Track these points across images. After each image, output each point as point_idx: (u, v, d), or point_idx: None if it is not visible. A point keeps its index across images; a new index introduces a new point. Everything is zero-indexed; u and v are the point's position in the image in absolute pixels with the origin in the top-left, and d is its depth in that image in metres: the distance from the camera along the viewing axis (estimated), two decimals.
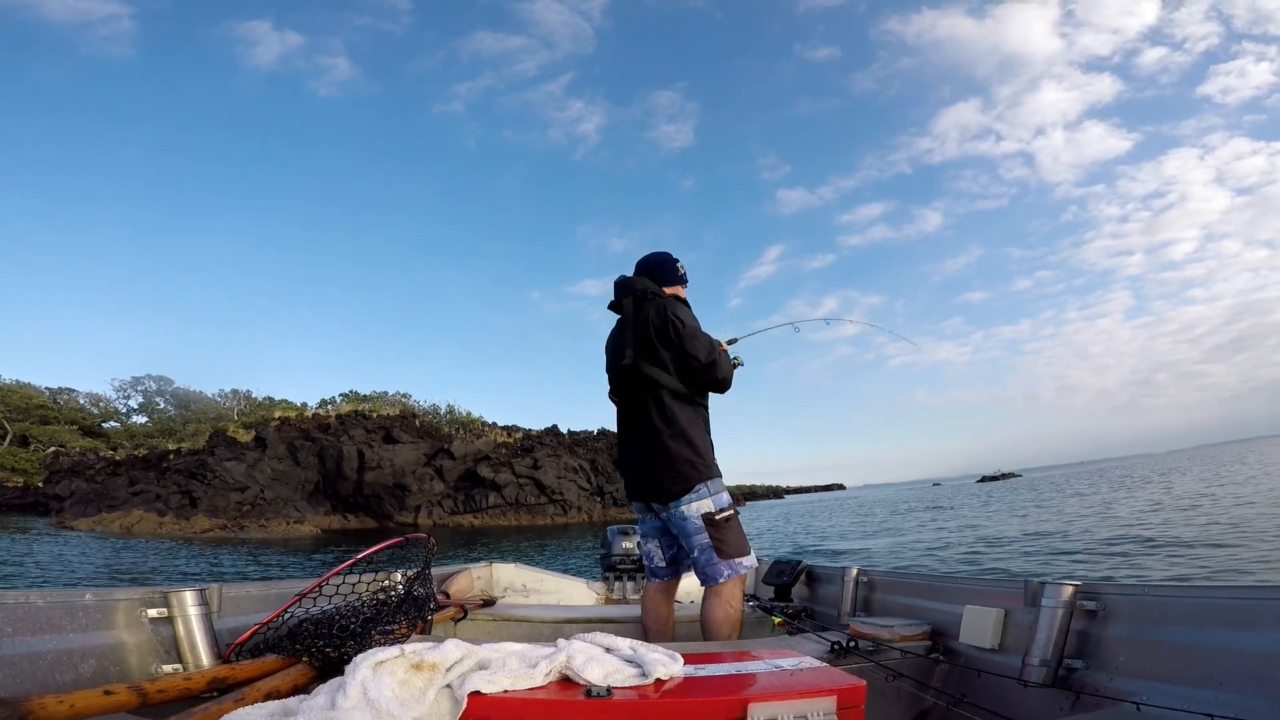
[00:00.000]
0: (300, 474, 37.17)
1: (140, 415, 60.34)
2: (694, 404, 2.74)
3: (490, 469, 38.75)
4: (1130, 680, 1.74)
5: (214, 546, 23.79)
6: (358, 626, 1.95)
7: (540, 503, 38.52)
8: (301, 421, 40.16)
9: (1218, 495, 20.64)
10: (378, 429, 39.50)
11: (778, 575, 3.71)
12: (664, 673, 1.44)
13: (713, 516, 2.62)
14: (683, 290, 2.93)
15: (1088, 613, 1.94)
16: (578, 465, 41.10)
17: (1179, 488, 26.84)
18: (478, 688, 1.30)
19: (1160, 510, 17.88)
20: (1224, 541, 10.48)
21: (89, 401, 58.91)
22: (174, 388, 62.87)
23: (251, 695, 1.46)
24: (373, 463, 37.05)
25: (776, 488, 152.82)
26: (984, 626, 2.21)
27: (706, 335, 2.73)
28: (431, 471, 38.23)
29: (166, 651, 1.89)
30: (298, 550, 22.53)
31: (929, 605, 2.62)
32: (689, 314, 2.78)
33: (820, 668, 1.55)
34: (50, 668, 1.58)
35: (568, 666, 1.43)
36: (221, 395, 61.32)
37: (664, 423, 2.67)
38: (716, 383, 2.74)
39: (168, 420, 56.92)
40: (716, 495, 2.64)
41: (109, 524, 31.78)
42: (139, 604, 1.88)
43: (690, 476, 2.62)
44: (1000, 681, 1.98)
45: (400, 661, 1.33)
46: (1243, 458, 61.88)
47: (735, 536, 2.64)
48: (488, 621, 3.26)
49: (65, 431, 49.47)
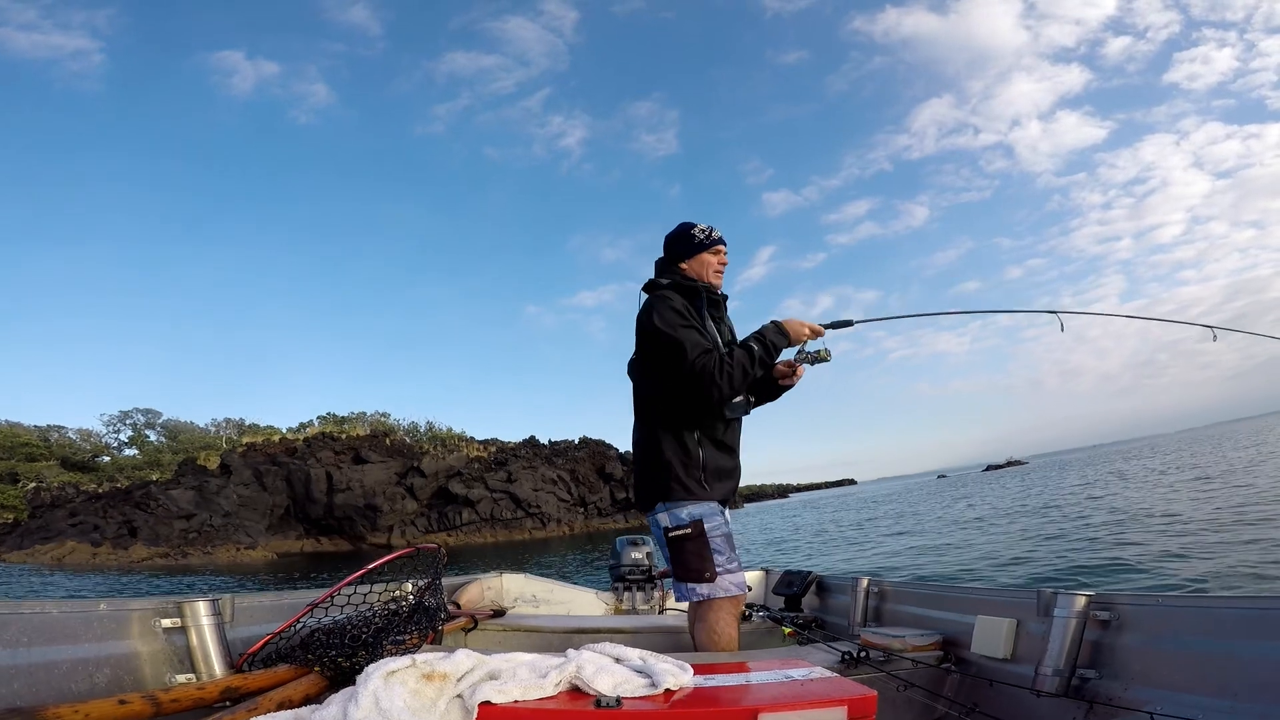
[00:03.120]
0: (267, 499, 37.10)
1: (131, 448, 61.45)
2: (676, 411, 2.45)
3: (463, 485, 38.09)
4: (1144, 690, 1.72)
5: (148, 576, 23.96)
6: (369, 636, 1.96)
7: (517, 517, 37.69)
8: (268, 447, 40.31)
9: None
10: (346, 450, 39.36)
11: (788, 585, 3.69)
12: (674, 683, 1.44)
13: (668, 533, 2.43)
14: (709, 256, 2.54)
15: (1101, 622, 1.93)
16: (556, 476, 40.25)
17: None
18: (488, 698, 1.30)
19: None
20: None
21: (79, 437, 59.95)
22: (163, 419, 64.40)
23: (264, 705, 1.47)
24: (341, 484, 36.81)
25: (783, 486, 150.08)
26: (996, 636, 2.19)
27: (689, 335, 2.34)
28: (403, 490, 37.88)
29: (180, 661, 1.90)
30: (240, 578, 22.57)
31: (940, 615, 2.60)
32: (669, 309, 2.39)
33: (831, 678, 1.54)
34: (66, 677, 1.60)
35: (577, 677, 1.43)
36: (214, 424, 62.56)
37: (645, 428, 2.52)
38: (695, 392, 2.34)
39: (155, 452, 57.81)
40: (674, 510, 2.41)
41: (40, 555, 32.10)
42: (153, 614, 1.90)
43: (659, 488, 2.44)
44: (1013, 691, 1.97)
45: (412, 671, 1.34)
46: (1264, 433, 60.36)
47: (693, 559, 2.37)
48: (498, 631, 3.26)
49: (47, 467, 50.01)
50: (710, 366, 2.29)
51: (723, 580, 2.36)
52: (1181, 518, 11.92)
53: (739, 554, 2.48)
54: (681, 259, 2.55)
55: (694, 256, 2.53)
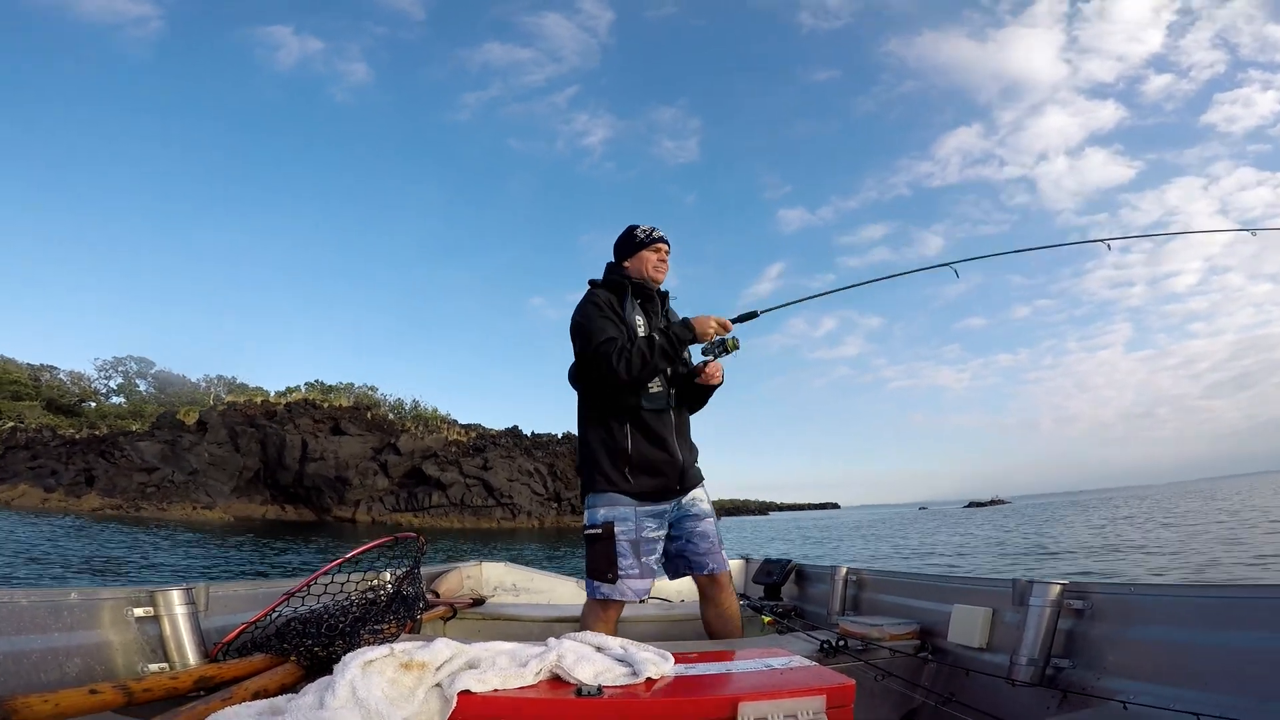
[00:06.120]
0: (238, 460, 36.49)
1: (119, 396, 59.77)
2: (598, 404, 2.58)
3: (436, 467, 37.63)
4: (1117, 679, 1.75)
5: (96, 524, 23.72)
6: (346, 625, 1.94)
7: (487, 505, 37.29)
8: (248, 408, 39.38)
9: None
10: (326, 419, 38.66)
11: (767, 574, 3.72)
12: (654, 672, 1.44)
13: (584, 530, 2.56)
14: (648, 253, 2.65)
15: (1075, 612, 1.96)
16: (533, 469, 39.90)
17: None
18: (468, 687, 1.30)
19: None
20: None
21: (70, 380, 58.20)
22: (155, 370, 62.58)
23: (239, 694, 1.45)
24: (315, 453, 36.29)
25: (765, 504, 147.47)
26: (972, 626, 2.22)
27: (600, 325, 2.46)
28: (376, 466, 37.42)
29: (153, 650, 1.87)
30: (185, 535, 22.19)
31: (918, 604, 2.63)
32: (589, 304, 2.55)
33: (810, 667, 1.55)
34: (35, 667, 1.56)
35: (558, 665, 1.42)
36: (205, 380, 60.83)
37: (580, 423, 2.67)
38: (596, 375, 2.48)
39: (140, 403, 56.16)
40: (591, 510, 2.53)
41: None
42: (125, 603, 1.87)
43: (586, 480, 2.59)
44: (988, 680, 2.00)
45: (389, 661, 1.32)
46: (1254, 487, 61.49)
47: (600, 559, 2.46)
48: (477, 620, 3.25)
49: (28, 407, 48.44)
50: (609, 351, 2.40)
51: (622, 584, 2.44)
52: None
53: (652, 561, 2.51)
54: (624, 257, 2.70)
55: (634, 254, 2.67)
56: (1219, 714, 1.39)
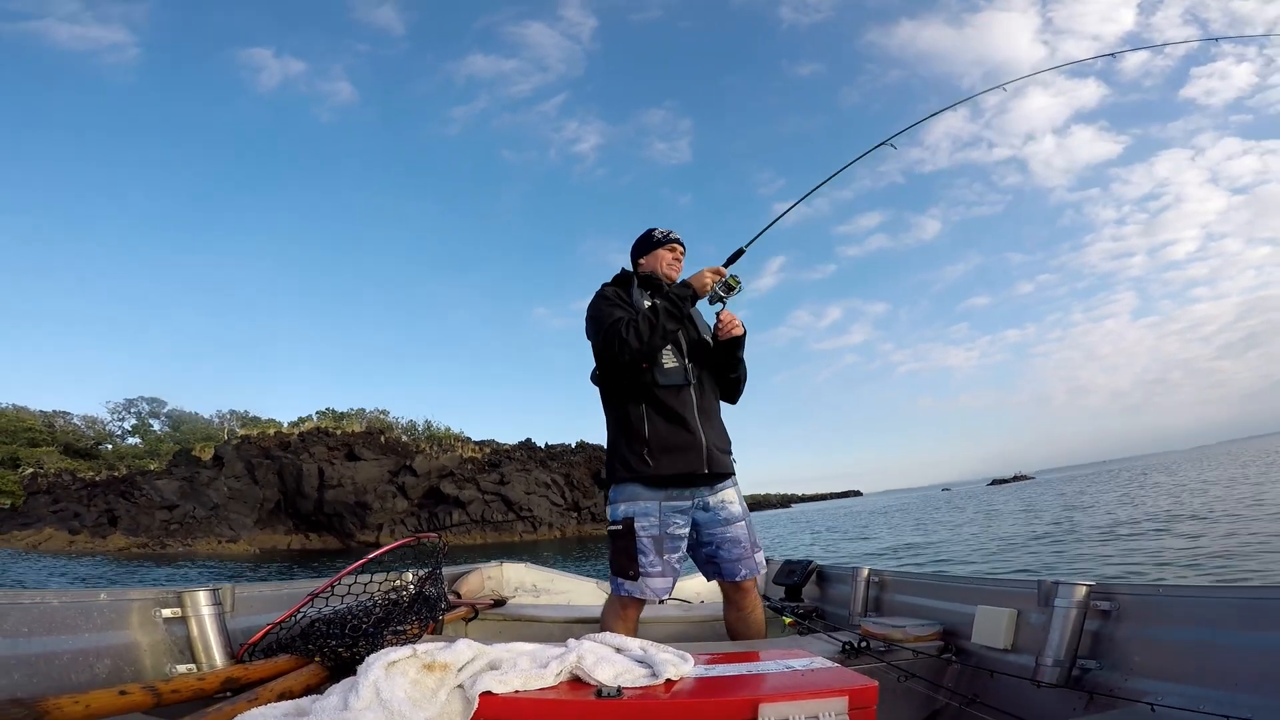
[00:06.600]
0: (258, 492, 36.88)
1: (134, 436, 61.08)
2: (617, 392, 2.59)
3: (454, 485, 37.74)
4: (1144, 680, 1.72)
5: (125, 563, 24.13)
6: (370, 626, 1.96)
7: (508, 520, 37.29)
8: (263, 440, 39.96)
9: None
10: (340, 446, 39.00)
11: (788, 575, 3.70)
12: (674, 673, 1.44)
13: (607, 526, 2.56)
14: (663, 252, 2.73)
15: (1101, 613, 1.93)
16: (550, 480, 39.87)
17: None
18: (489, 688, 1.30)
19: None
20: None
21: (85, 424, 59.43)
22: (168, 409, 63.78)
23: (265, 695, 1.47)
24: (333, 480, 36.49)
25: (787, 496, 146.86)
26: (996, 627, 2.19)
27: (609, 310, 2.50)
28: (394, 489, 37.53)
29: (180, 651, 1.90)
30: (213, 570, 22.62)
31: (941, 605, 2.60)
32: (600, 298, 2.60)
33: (832, 668, 1.54)
34: (66, 668, 1.59)
35: (578, 667, 1.43)
36: (218, 416, 61.89)
37: (606, 415, 2.69)
38: (610, 351, 2.45)
39: (156, 441, 57.46)
40: (613, 505, 2.52)
41: (15, 541, 32.12)
42: (153, 604, 1.90)
43: (609, 470, 2.59)
44: (1013, 682, 1.97)
45: (412, 661, 1.33)
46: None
47: (621, 556, 2.47)
48: (498, 621, 3.26)
49: (46, 453, 49.66)
50: (619, 325, 2.43)
51: (643, 582, 2.43)
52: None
53: (674, 560, 2.47)
54: (641, 255, 2.79)
55: (650, 253, 2.76)
56: (1248, 716, 1.36)
